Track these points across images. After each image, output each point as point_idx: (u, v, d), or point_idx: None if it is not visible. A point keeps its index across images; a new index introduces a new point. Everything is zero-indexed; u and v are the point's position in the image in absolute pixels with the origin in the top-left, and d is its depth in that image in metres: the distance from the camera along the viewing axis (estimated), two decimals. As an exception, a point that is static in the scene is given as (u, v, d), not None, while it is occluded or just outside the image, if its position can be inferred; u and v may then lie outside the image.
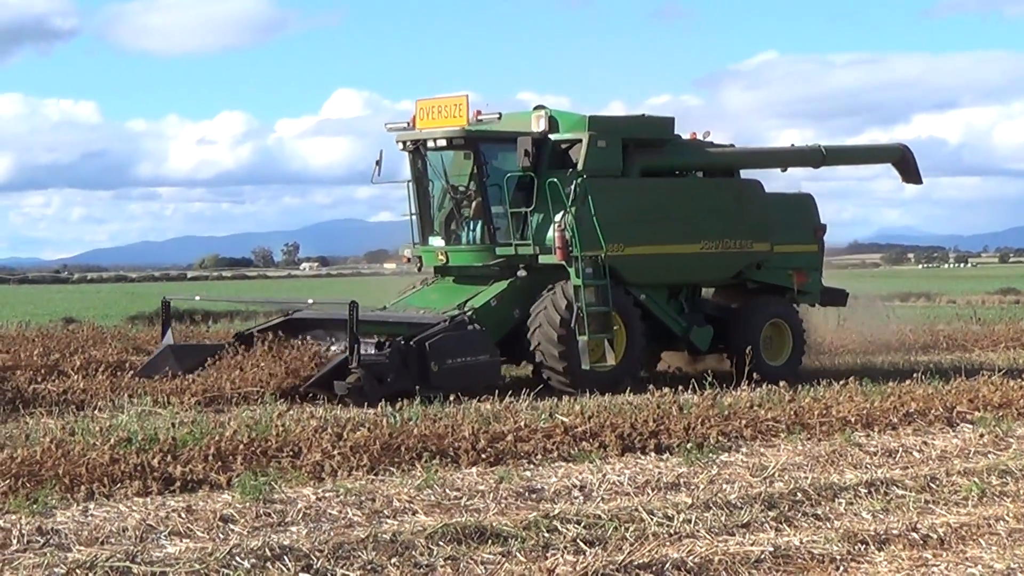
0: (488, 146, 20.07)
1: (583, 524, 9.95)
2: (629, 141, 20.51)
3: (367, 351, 17.84)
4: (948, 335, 29.46)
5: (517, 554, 9.24)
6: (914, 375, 19.14)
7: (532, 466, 12.56)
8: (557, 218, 19.50)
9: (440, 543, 9.35)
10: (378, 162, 20.48)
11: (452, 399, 16.15)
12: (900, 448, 13.78)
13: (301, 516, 10.15)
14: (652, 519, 10.19)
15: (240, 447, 12.23)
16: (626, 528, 9.92)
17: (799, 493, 11.28)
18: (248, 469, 11.66)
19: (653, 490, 11.45)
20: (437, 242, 20.59)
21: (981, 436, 14.54)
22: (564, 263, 19.30)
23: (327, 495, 10.86)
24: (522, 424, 14.00)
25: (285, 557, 8.88)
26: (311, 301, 20.76)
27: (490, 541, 9.49)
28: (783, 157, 23.07)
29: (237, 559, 8.80)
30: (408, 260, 21.17)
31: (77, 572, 8.48)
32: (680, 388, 17.62)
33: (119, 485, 11.01)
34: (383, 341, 18.29)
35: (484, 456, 12.68)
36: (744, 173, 22.21)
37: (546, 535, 9.68)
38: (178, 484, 11.18)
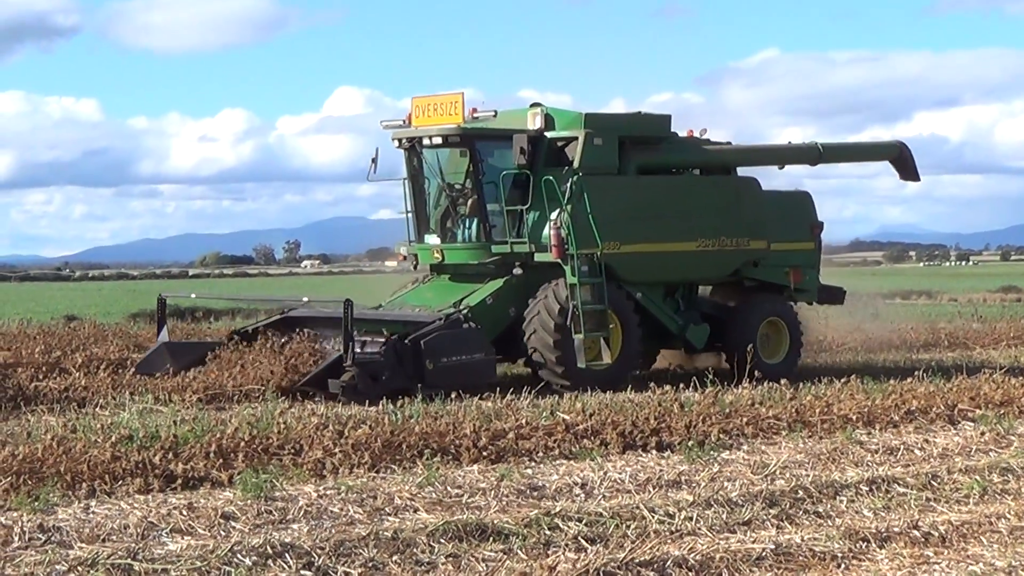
0: (484, 144, 20.00)
1: (584, 522, 9.95)
2: (625, 139, 20.44)
3: (365, 349, 17.81)
4: (949, 333, 29.49)
5: (518, 552, 9.24)
6: (915, 373, 19.12)
7: (533, 464, 12.56)
8: (553, 216, 19.44)
9: (441, 541, 9.35)
10: (374, 159, 20.43)
11: (454, 397, 16.14)
12: (901, 446, 13.78)
13: (302, 514, 10.15)
14: (653, 517, 10.19)
15: (241, 444, 12.24)
16: (627, 526, 9.92)
17: (800, 491, 11.28)
18: (249, 466, 11.67)
19: (654, 488, 11.44)
20: (433, 240, 20.53)
21: (982, 434, 14.53)
22: (560, 261, 19.25)
23: (328, 493, 10.85)
24: (523, 422, 14.00)
25: (286, 555, 8.88)
26: (306, 299, 20.75)
27: (491, 539, 9.49)
28: (780, 154, 23.02)
29: (238, 556, 8.80)
30: (404, 258, 21.11)
31: (79, 569, 8.48)
32: (681, 386, 17.61)
33: (120, 482, 11.01)
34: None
35: (485, 454, 12.68)
36: (742, 171, 22.17)
37: (547, 533, 9.68)
38: (179, 481, 11.19)
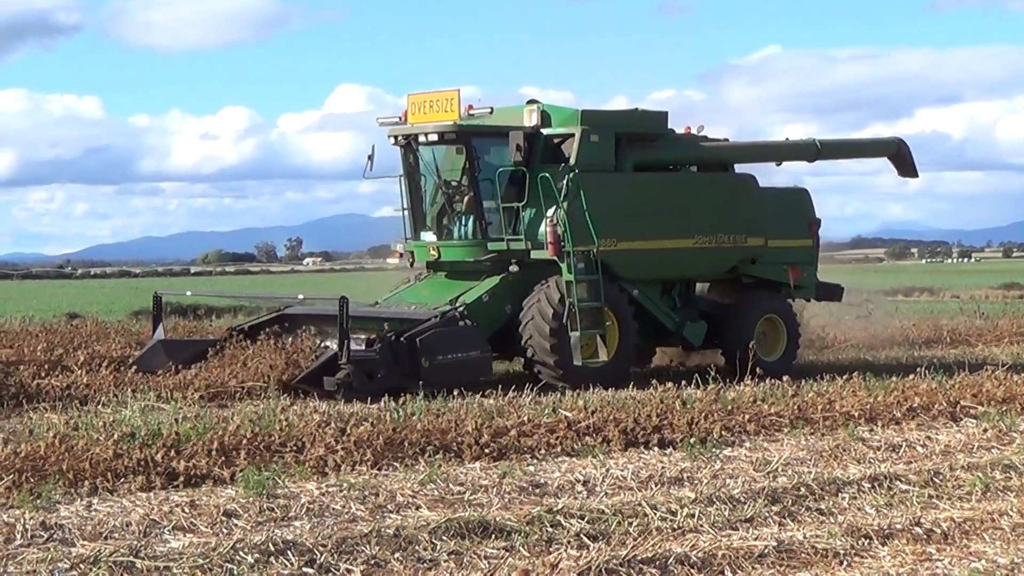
0: (480, 141, 19.98)
1: (586, 519, 9.95)
2: (622, 135, 20.42)
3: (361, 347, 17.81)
4: (951, 330, 29.48)
5: (520, 548, 9.24)
6: (917, 370, 19.10)
7: (535, 461, 12.56)
8: (549, 213, 19.42)
9: (443, 538, 9.35)
10: (370, 157, 20.37)
11: (456, 394, 16.13)
12: (903, 443, 13.77)
13: (304, 511, 10.15)
14: (655, 514, 10.18)
15: (243, 442, 12.23)
16: (629, 523, 9.91)
17: (802, 488, 11.27)
18: (251, 464, 11.67)
19: (656, 485, 11.43)
20: (429, 237, 20.49)
21: (985, 431, 14.52)
22: (556, 258, 19.24)
23: (330, 490, 10.85)
24: (525, 419, 14.00)
25: (288, 552, 8.88)
26: (301, 296, 20.76)
27: (493, 536, 9.49)
28: (778, 151, 22.99)
29: (240, 554, 8.80)
30: (400, 255, 21.09)
31: (81, 567, 8.48)
32: (683, 383, 17.60)
33: (122, 480, 11.01)
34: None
35: (487, 451, 12.68)
36: (741, 168, 22.14)
37: (549, 530, 9.68)
38: (181, 479, 11.19)
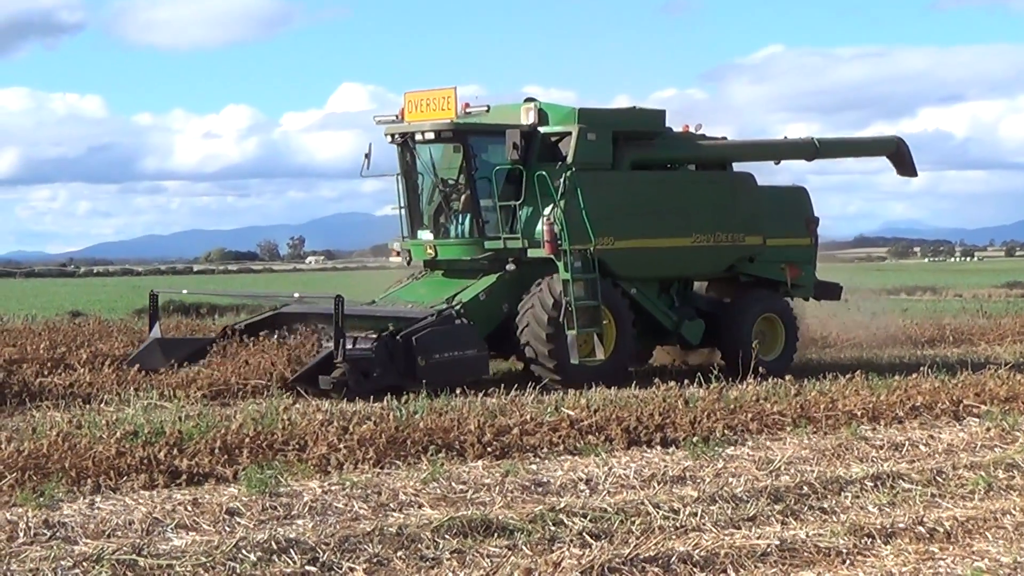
0: (477, 139, 19.93)
1: (589, 517, 9.95)
2: (619, 134, 20.38)
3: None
4: (954, 329, 29.46)
5: (523, 547, 9.24)
6: (920, 369, 19.10)
7: (538, 459, 12.56)
8: (546, 211, 19.39)
9: (446, 536, 9.35)
10: (367, 155, 20.34)
11: (458, 393, 16.11)
12: (906, 442, 13.77)
13: (307, 509, 10.15)
14: (658, 512, 10.18)
15: (246, 440, 12.25)
16: (632, 521, 9.91)
17: (805, 486, 11.27)
18: (254, 462, 11.67)
19: (659, 483, 11.43)
20: (426, 236, 20.47)
21: (987, 430, 14.52)
22: (553, 257, 19.21)
23: (333, 488, 10.85)
24: (528, 418, 13.99)
25: (291, 550, 8.89)
26: (297, 295, 20.75)
27: (496, 534, 9.49)
28: (776, 150, 22.97)
29: (243, 552, 8.81)
30: (398, 253, 21.06)
31: (84, 565, 8.48)
32: (686, 382, 17.60)
33: (125, 478, 11.02)
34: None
35: (490, 449, 12.68)
36: (740, 166, 22.11)
37: (552, 528, 9.68)
38: (184, 477, 11.20)
